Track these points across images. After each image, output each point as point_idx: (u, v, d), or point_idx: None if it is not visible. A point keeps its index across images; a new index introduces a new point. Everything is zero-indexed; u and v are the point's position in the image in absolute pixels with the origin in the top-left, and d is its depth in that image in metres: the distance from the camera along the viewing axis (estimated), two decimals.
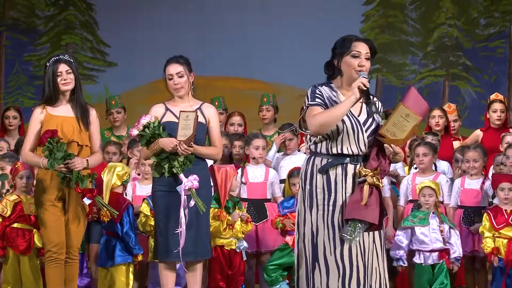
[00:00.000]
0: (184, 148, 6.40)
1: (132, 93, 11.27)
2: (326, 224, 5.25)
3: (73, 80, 6.55)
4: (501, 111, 8.55)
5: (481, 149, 7.81)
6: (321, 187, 5.28)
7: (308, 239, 5.28)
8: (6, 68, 11.78)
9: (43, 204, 6.50)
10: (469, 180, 7.74)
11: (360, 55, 5.36)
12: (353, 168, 5.27)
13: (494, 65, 11.45)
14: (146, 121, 6.52)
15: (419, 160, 7.79)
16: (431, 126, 8.64)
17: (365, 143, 5.29)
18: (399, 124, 5.20)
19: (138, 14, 11.67)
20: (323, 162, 5.29)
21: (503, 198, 7.32)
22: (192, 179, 6.40)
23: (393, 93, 11.44)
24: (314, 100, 5.29)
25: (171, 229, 6.45)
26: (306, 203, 5.31)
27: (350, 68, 5.34)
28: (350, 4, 11.54)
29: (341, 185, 5.27)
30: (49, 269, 6.51)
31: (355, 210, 5.17)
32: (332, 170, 5.27)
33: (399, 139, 5.21)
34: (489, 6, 11.49)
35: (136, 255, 7.42)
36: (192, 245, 6.49)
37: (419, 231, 7.32)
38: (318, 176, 5.28)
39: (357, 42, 5.40)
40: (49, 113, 6.54)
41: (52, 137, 6.35)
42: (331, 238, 5.24)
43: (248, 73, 11.08)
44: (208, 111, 6.72)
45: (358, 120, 5.31)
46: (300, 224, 5.34)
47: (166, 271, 6.61)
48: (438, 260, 7.28)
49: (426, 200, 7.36)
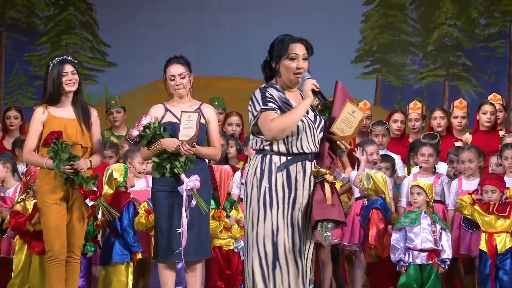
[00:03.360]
0: (186, 149, 6.41)
1: (132, 93, 11.27)
2: (286, 222, 5.27)
3: (77, 81, 6.58)
4: (491, 113, 8.50)
5: (475, 149, 7.75)
6: (281, 185, 5.29)
7: (267, 237, 5.26)
8: (6, 68, 11.78)
9: (47, 204, 6.51)
10: (466, 182, 7.70)
11: (297, 57, 5.38)
12: (311, 165, 5.33)
13: (494, 65, 11.45)
14: (146, 122, 6.52)
15: (425, 160, 7.76)
16: (432, 127, 8.61)
17: (318, 141, 5.37)
18: (346, 121, 5.30)
19: (138, 14, 11.67)
20: (281, 160, 5.30)
21: (487, 199, 7.29)
22: (194, 179, 6.42)
23: (393, 93, 11.45)
24: (266, 104, 5.30)
25: (173, 229, 6.46)
26: (262, 201, 5.29)
27: (289, 71, 5.38)
28: (350, 4, 11.54)
29: (301, 183, 5.31)
30: (50, 269, 6.54)
31: (323, 211, 5.23)
32: (292, 168, 5.30)
33: (348, 135, 5.32)
34: (489, 6, 11.48)
35: (135, 252, 7.42)
36: (193, 245, 6.50)
37: (410, 230, 7.28)
38: (278, 174, 5.28)
39: (294, 44, 5.40)
40: (51, 114, 6.54)
41: (57, 138, 6.36)
42: (290, 236, 5.26)
43: (248, 73, 11.08)
44: (207, 111, 6.74)
45: (310, 118, 5.38)
46: (254, 223, 5.30)
47: (166, 270, 6.62)
48: (426, 261, 7.22)
49: (414, 198, 7.32)
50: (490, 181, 7.29)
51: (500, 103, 8.78)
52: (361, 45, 11.60)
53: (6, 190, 7.87)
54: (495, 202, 7.24)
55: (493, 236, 7.24)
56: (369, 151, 7.77)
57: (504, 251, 7.22)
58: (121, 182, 7.39)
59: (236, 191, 7.79)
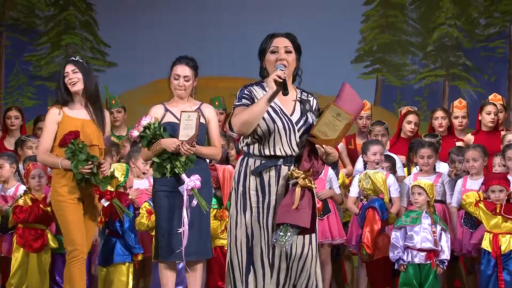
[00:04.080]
0: (186, 148, 6.41)
1: (132, 93, 11.27)
2: (262, 227, 5.15)
3: (80, 79, 6.51)
4: (494, 114, 8.50)
5: (480, 148, 7.76)
6: (254, 189, 5.16)
7: (242, 242, 5.17)
8: (6, 68, 11.78)
9: (65, 203, 6.45)
10: (470, 181, 7.70)
11: (278, 50, 5.25)
12: (287, 169, 5.16)
13: (494, 65, 11.45)
14: (146, 122, 6.53)
15: (424, 162, 7.76)
16: (434, 127, 8.60)
17: (298, 144, 5.18)
18: (330, 124, 5.05)
19: (138, 14, 11.67)
20: (256, 163, 5.17)
21: (494, 199, 7.29)
22: (194, 179, 6.42)
23: (393, 93, 11.45)
24: (240, 101, 5.22)
25: (174, 229, 6.46)
26: (238, 205, 5.19)
27: (270, 64, 5.26)
28: (350, 4, 11.54)
29: (275, 187, 5.16)
30: (74, 269, 6.46)
31: (285, 214, 5.04)
32: (265, 172, 5.16)
33: (331, 139, 5.07)
34: (489, 6, 11.48)
35: (136, 254, 7.42)
36: (194, 245, 6.50)
37: (411, 229, 7.27)
38: (251, 178, 5.17)
39: (275, 38, 5.31)
40: (67, 114, 6.52)
41: (75, 139, 6.33)
42: (267, 241, 5.14)
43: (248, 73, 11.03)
44: (207, 111, 6.75)
45: (291, 119, 5.20)
46: (232, 227, 5.22)
47: (167, 270, 6.63)
48: (424, 261, 7.22)
49: (415, 198, 7.32)
50: (498, 181, 7.29)
51: (501, 103, 8.78)
52: (361, 45, 11.60)
53: (7, 190, 7.87)
54: (502, 202, 7.24)
55: (498, 237, 7.23)
56: (372, 150, 7.77)
57: (508, 252, 7.22)
58: (121, 181, 7.41)
59: None
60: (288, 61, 5.24)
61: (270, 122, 5.14)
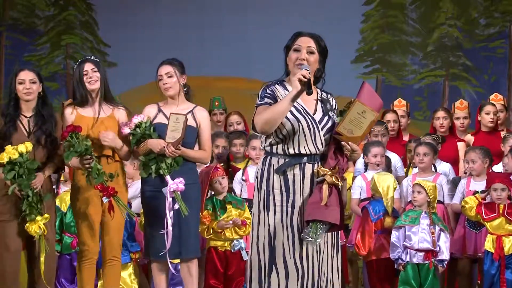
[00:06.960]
0: (171, 150, 6.40)
1: (132, 93, 11.28)
2: (285, 226, 5.10)
3: (99, 78, 6.54)
4: (493, 114, 8.48)
5: (480, 150, 7.74)
6: (278, 188, 5.13)
7: (265, 241, 5.13)
8: (6, 68, 11.79)
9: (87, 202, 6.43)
10: (474, 182, 7.69)
11: (300, 49, 5.25)
12: (311, 168, 5.13)
13: (494, 65, 11.46)
14: (138, 121, 6.53)
15: (419, 160, 7.77)
16: (435, 127, 8.58)
17: (322, 142, 5.15)
18: (355, 121, 5.05)
19: (138, 14, 11.68)
20: (279, 162, 5.14)
21: (496, 198, 7.29)
22: (178, 181, 6.39)
23: (393, 93, 11.44)
24: (262, 100, 5.17)
25: (157, 229, 6.45)
26: (262, 204, 5.16)
27: (291, 62, 5.25)
28: (350, 4, 11.55)
29: (299, 186, 5.13)
30: (84, 268, 6.46)
31: (315, 211, 5.02)
32: (289, 170, 5.12)
33: (356, 136, 5.07)
34: (489, 6, 11.49)
35: (133, 252, 7.41)
36: (177, 245, 6.48)
37: (409, 229, 7.27)
38: (275, 177, 5.13)
39: (300, 37, 5.29)
40: (80, 113, 6.52)
41: (73, 132, 6.29)
42: (291, 240, 5.09)
43: (248, 73, 11.08)
44: (200, 114, 6.69)
45: (314, 118, 5.18)
46: (254, 226, 5.19)
47: (158, 271, 6.63)
48: (423, 261, 7.21)
49: (414, 196, 7.32)
50: (500, 179, 7.28)
51: (502, 103, 8.76)
52: (361, 45, 11.61)
53: None
54: (504, 201, 7.24)
55: (502, 238, 7.23)
56: (373, 152, 7.77)
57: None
58: None
59: (237, 190, 7.77)
60: (309, 62, 5.24)
61: (295, 122, 5.12)
